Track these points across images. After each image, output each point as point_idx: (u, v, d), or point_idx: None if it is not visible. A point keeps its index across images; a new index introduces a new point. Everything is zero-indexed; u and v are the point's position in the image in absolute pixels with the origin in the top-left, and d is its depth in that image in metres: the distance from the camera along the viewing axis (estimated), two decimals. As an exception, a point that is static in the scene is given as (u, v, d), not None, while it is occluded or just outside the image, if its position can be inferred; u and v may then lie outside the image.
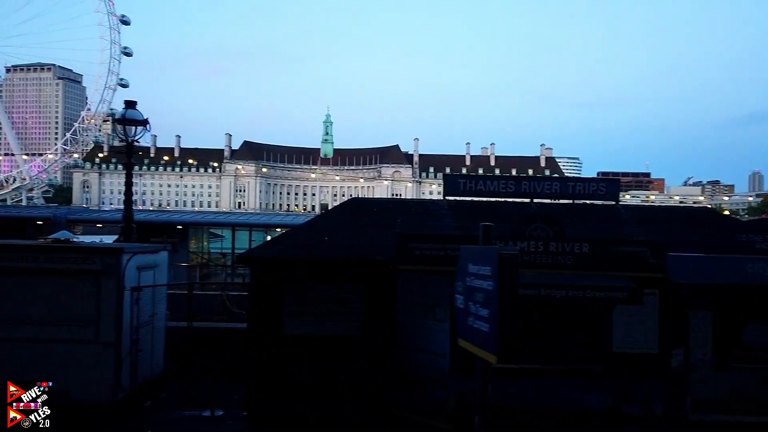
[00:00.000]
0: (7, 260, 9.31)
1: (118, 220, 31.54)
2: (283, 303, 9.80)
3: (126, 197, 13.39)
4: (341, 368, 9.80)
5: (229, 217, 30.04)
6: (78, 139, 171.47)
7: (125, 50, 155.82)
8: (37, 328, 9.23)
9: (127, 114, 12.53)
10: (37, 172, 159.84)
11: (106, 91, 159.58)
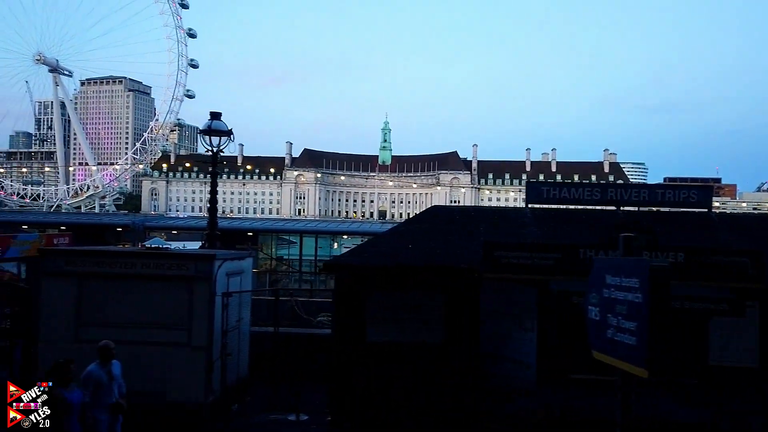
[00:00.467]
0: (108, 266, 9.80)
1: (192, 227, 32.84)
2: (366, 310, 9.88)
3: (211, 205, 13.87)
4: (423, 376, 9.78)
5: (296, 224, 30.65)
6: (147, 149, 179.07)
7: (192, 62, 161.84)
8: (134, 330, 9.65)
9: (212, 125, 12.99)
10: (108, 181, 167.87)
11: (174, 102, 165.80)
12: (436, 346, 9.76)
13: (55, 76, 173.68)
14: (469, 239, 9.83)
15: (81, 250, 10.40)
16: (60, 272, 9.79)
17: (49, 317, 9.78)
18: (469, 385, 9.59)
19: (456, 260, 9.53)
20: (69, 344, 9.69)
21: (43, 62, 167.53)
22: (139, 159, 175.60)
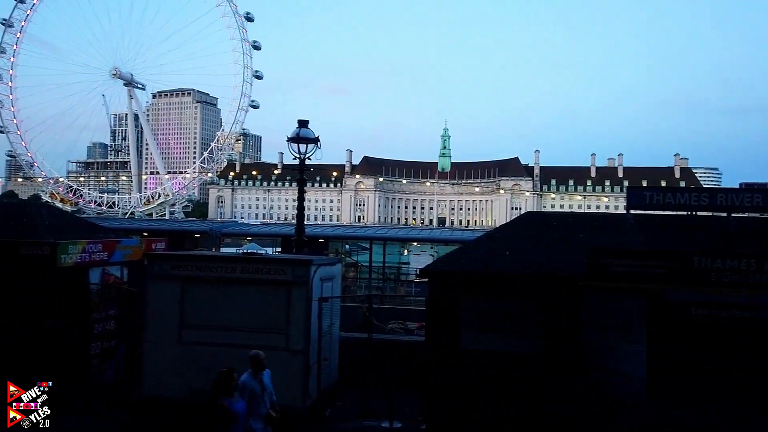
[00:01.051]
0: (209, 270, 10.08)
1: (265, 233, 33.67)
2: (461, 317, 9.75)
3: (298, 212, 14.11)
4: (520, 386, 9.54)
5: (367, 231, 30.81)
6: (213, 158, 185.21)
7: (256, 74, 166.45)
8: (234, 333, 9.87)
9: (300, 132, 13.23)
10: (178, 189, 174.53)
11: (239, 113, 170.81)
12: (534, 355, 9.51)
13: (130, 90, 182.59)
14: (568, 246, 9.54)
15: (185, 254, 10.77)
16: (165, 276, 10.15)
17: (154, 319, 10.14)
18: (571, 397, 9.27)
19: (555, 268, 9.25)
20: (173, 346, 10.02)
21: (119, 76, 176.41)
22: (207, 168, 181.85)
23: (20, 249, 10.20)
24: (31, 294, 10.76)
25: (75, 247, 10.58)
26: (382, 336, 12.12)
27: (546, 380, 9.40)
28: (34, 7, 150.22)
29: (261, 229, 31.89)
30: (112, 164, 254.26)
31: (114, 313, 11.82)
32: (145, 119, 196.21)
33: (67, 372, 10.82)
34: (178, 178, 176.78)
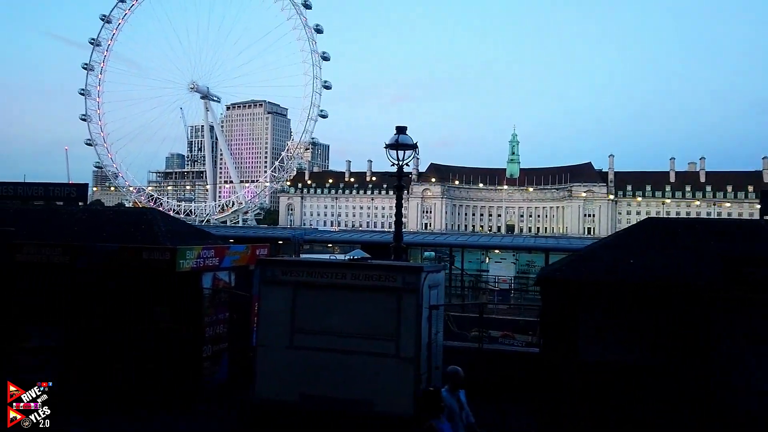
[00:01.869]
0: (320, 276, 10.17)
1: (345, 240, 34.11)
2: (579, 327, 9.39)
3: (396, 218, 14.11)
4: (642, 400, 9.07)
5: (447, 238, 30.59)
6: (284, 167, 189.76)
7: (325, 84, 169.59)
8: (344, 339, 9.90)
9: (399, 139, 13.24)
10: (250, 197, 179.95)
11: (309, 122, 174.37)
12: (658, 368, 9.01)
13: (206, 102, 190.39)
14: (697, 254, 9.00)
15: (296, 261, 10.95)
16: (276, 281, 10.32)
17: (266, 324, 10.32)
18: (698, 415, 8.72)
19: (685, 277, 8.74)
20: (284, 350, 10.16)
21: (196, 90, 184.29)
22: (277, 177, 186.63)
23: (142, 254, 10.67)
24: (151, 297, 11.23)
25: (192, 252, 10.97)
26: (492, 346, 11.85)
27: (671, 395, 8.89)
28: (120, 27, 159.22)
29: (341, 236, 32.31)
30: (189, 174, 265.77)
31: (223, 317, 12.16)
32: (220, 130, 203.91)
33: (181, 374, 11.24)
34: (251, 187, 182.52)
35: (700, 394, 8.77)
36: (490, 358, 10.84)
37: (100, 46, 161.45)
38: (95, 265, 10.90)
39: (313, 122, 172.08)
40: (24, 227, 11.91)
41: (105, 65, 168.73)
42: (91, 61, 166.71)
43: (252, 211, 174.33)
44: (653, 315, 8.92)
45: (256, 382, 10.35)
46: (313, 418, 9.90)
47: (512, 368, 11.09)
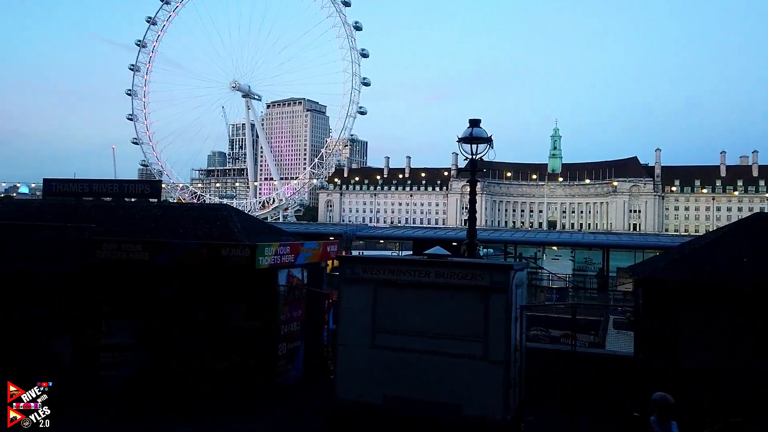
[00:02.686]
0: (402, 273, 9.85)
1: (397, 237, 33.86)
2: (680, 331, 8.81)
3: (470, 215, 13.71)
4: (753, 410, 8.45)
5: (502, 235, 29.96)
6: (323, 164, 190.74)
7: (364, 81, 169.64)
8: (428, 340, 9.55)
9: (473, 132, 12.83)
10: (290, 194, 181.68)
11: (348, 119, 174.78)
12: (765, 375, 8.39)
13: (248, 101, 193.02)
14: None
15: (377, 258, 10.64)
16: (357, 279, 10.05)
17: (347, 323, 10.07)
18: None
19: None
20: (366, 349, 9.89)
21: (238, 89, 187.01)
22: (317, 173, 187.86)
23: (221, 251, 10.55)
24: (228, 295, 11.13)
25: (270, 249, 10.81)
26: (554, 346, 11.37)
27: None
28: (165, 28, 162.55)
29: (393, 232, 31.98)
30: (231, 171, 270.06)
31: (297, 315, 11.99)
32: (260, 128, 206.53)
33: (257, 373, 11.11)
34: (291, 184, 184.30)
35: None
36: (581, 361, 10.32)
37: (145, 48, 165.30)
38: (174, 261, 10.84)
39: (352, 119, 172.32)
40: (101, 224, 11.97)
41: (150, 66, 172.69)
42: (138, 62, 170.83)
43: (292, 208, 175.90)
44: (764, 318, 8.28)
45: (337, 383, 10.11)
46: (397, 421, 9.60)
47: (604, 372, 10.55)
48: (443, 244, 30.81)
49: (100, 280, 11.27)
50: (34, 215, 13.11)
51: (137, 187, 12.94)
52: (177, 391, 11.36)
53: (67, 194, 13.64)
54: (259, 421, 10.31)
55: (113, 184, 13.14)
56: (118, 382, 11.34)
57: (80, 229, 11.25)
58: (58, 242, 11.30)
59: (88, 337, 11.25)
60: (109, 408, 10.61)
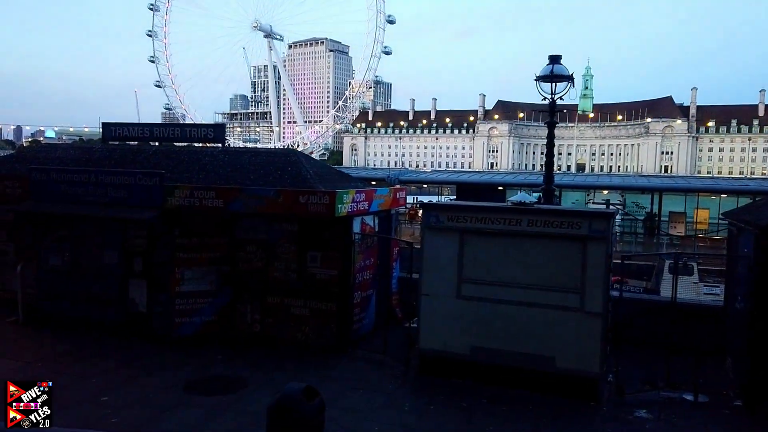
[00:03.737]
0: (491, 222, 9.40)
1: (441, 181, 33.24)
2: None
3: (547, 159, 13.07)
4: None
5: (563, 178, 29.08)
6: (347, 107, 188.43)
7: (389, 18, 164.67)
8: (518, 290, 9.20)
9: (554, 69, 12.02)
10: (315, 138, 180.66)
11: (372, 60, 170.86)
12: None
13: (270, 41, 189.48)
14: None
15: (464, 205, 10.18)
16: (442, 228, 9.65)
17: (431, 273, 9.73)
18: None
19: None
20: (450, 300, 9.59)
21: (259, 28, 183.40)
22: (341, 117, 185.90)
23: (299, 198, 10.17)
24: (303, 243, 10.84)
25: (347, 196, 10.41)
26: (657, 297, 10.91)
27: None
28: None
29: (437, 177, 31.41)
30: (253, 115, 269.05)
31: (369, 263, 11.70)
32: (283, 69, 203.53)
33: (334, 321, 10.93)
34: (315, 127, 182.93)
35: None
36: (655, 310, 9.89)
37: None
38: (249, 208, 10.51)
39: (376, 59, 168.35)
40: (167, 170, 11.64)
41: (170, 5, 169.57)
42: (157, 1, 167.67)
43: (317, 152, 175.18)
44: None
45: (421, 334, 9.88)
46: (485, 372, 9.38)
47: (701, 323, 10.13)
48: (489, 188, 30.40)
49: (174, 227, 11.03)
50: (97, 160, 12.84)
51: (201, 131, 12.51)
52: (254, 337, 11.30)
53: (128, 139, 13.30)
54: (342, 369, 10.17)
55: (175, 128, 12.73)
56: (193, 329, 11.30)
57: (151, 174, 10.94)
58: (130, 188, 11.03)
59: (163, 284, 11.13)
60: (186, 356, 10.56)
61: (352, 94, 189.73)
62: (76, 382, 9.25)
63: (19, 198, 11.94)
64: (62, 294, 11.88)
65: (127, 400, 8.62)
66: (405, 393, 9.29)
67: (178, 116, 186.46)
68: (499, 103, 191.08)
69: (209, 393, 9.01)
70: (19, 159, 13.65)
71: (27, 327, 11.91)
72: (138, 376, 9.63)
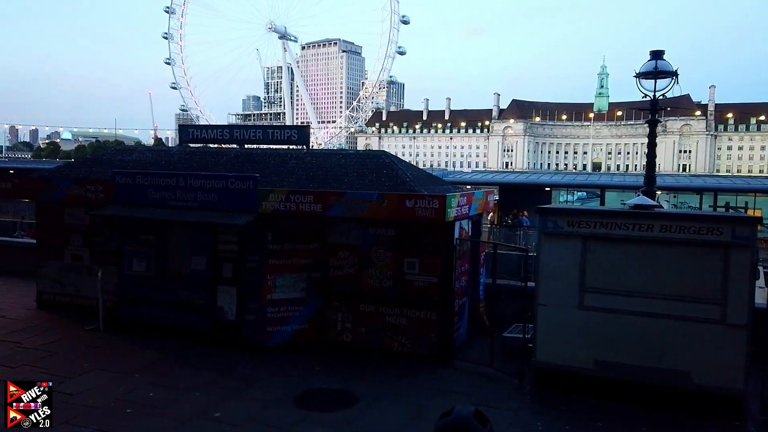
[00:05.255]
0: (617, 228, 8.83)
1: (483, 182, 32.65)
2: None
3: (648, 159, 12.51)
4: None
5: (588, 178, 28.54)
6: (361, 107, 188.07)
7: (403, 18, 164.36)
8: (648, 301, 8.62)
9: (658, 65, 11.44)
10: (328, 138, 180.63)
11: (386, 60, 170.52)
12: None
13: (284, 42, 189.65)
14: None
15: (587, 210, 9.66)
16: (562, 234, 9.10)
17: (549, 280, 9.19)
18: None
19: None
20: (571, 310, 9.04)
21: (274, 30, 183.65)
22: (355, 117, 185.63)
23: (405, 202, 9.66)
24: (403, 248, 10.37)
25: (455, 200, 9.89)
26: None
27: None
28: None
29: (480, 177, 30.85)
30: (266, 116, 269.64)
31: (464, 269, 11.19)
32: (297, 70, 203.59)
33: (433, 330, 10.43)
34: (329, 128, 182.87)
35: None
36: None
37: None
38: (350, 213, 10.02)
39: (390, 60, 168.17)
40: (253, 173, 11.18)
41: (185, 8, 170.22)
42: (173, 4, 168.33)
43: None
44: None
45: (538, 345, 9.35)
46: (609, 388, 8.82)
47: None
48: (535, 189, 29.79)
49: (266, 232, 10.58)
50: (177, 163, 12.41)
51: (284, 133, 12.02)
52: (344, 346, 10.83)
53: (205, 141, 12.88)
54: (451, 382, 9.66)
55: (257, 130, 12.25)
56: (284, 338, 10.84)
57: (245, 178, 10.47)
58: (221, 192, 10.58)
59: (254, 291, 10.68)
60: (282, 366, 10.10)
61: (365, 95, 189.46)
62: (181, 395, 8.82)
63: (102, 202, 11.53)
64: (145, 300, 11.45)
65: (242, 416, 8.15)
66: (532, 412, 8.74)
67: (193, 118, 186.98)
68: (513, 102, 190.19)
69: (324, 408, 8.53)
70: (96, 163, 13.23)
71: (108, 335, 11.51)
72: (242, 388, 9.16)
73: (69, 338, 11.30)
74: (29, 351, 10.50)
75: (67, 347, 10.79)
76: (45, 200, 12.54)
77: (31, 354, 10.33)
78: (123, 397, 8.65)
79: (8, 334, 11.42)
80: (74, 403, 8.31)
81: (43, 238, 13.00)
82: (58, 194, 12.14)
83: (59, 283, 12.80)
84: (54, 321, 12.31)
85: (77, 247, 12.57)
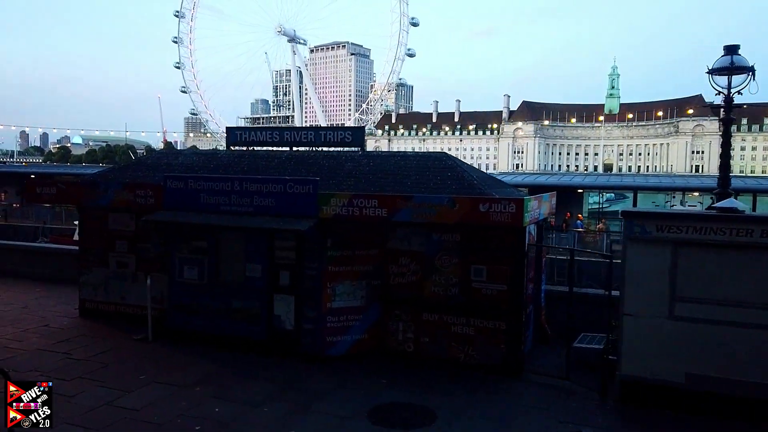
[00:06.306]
0: (713, 233, 8.28)
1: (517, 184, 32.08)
2: None
3: (722, 161, 11.92)
4: None
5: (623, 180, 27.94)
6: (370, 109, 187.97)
7: (413, 21, 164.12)
8: (751, 311, 8.06)
9: (733, 60, 10.88)
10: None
11: (396, 62, 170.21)
12: None
13: (293, 45, 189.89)
14: None
15: (677, 213, 9.13)
16: (650, 239, 8.56)
17: (635, 289, 8.65)
18: None
19: None
20: (661, 320, 8.50)
21: (283, 33, 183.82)
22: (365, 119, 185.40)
23: (479, 206, 9.15)
24: (472, 253, 9.87)
25: (530, 203, 9.37)
26: None
27: None
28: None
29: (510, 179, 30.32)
30: (275, 119, 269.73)
31: (530, 276, 10.67)
32: (307, 74, 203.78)
33: (502, 340, 9.92)
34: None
35: None
36: None
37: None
38: (419, 217, 9.52)
39: (400, 62, 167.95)
40: (310, 176, 10.70)
41: (195, 12, 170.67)
42: (182, 8, 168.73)
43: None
44: None
45: (623, 357, 8.80)
46: (703, 403, 8.28)
47: None
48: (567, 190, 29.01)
49: (326, 238, 10.10)
50: (226, 166, 11.96)
51: (337, 135, 11.54)
52: (406, 356, 10.35)
53: (254, 144, 12.40)
54: (527, 396, 9.13)
55: (308, 132, 11.76)
56: (345, 348, 10.36)
57: (305, 182, 9.99)
58: (278, 196, 10.11)
59: (314, 299, 10.20)
60: (346, 378, 9.60)
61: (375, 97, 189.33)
62: (248, 410, 8.33)
63: (151, 207, 11.08)
64: (197, 309, 11.00)
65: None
66: (625, 431, 8.20)
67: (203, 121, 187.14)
68: (524, 104, 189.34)
69: (403, 425, 8.01)
70: (142, 167, 12.80)
71: (159, 345, 11.06)
72: (309, 402, 8.67)
73: (119, 348, 10.85)
74: (80, 362, 10.06)
75: (119, 358, 10.34)
76: (90, 205, 12.12)
77: (84, 366, 9.89)
78: (187, 412, 8.17)
79: (55, 344, 10.99)
80: (140, 420, 7.86)
81: (86, 244, 12.58)
82: (104, 199, 11.72)
83: (103, 290, 12.39)
84: (100, 330, 11.89)
85: (122, 253, 12.14)
